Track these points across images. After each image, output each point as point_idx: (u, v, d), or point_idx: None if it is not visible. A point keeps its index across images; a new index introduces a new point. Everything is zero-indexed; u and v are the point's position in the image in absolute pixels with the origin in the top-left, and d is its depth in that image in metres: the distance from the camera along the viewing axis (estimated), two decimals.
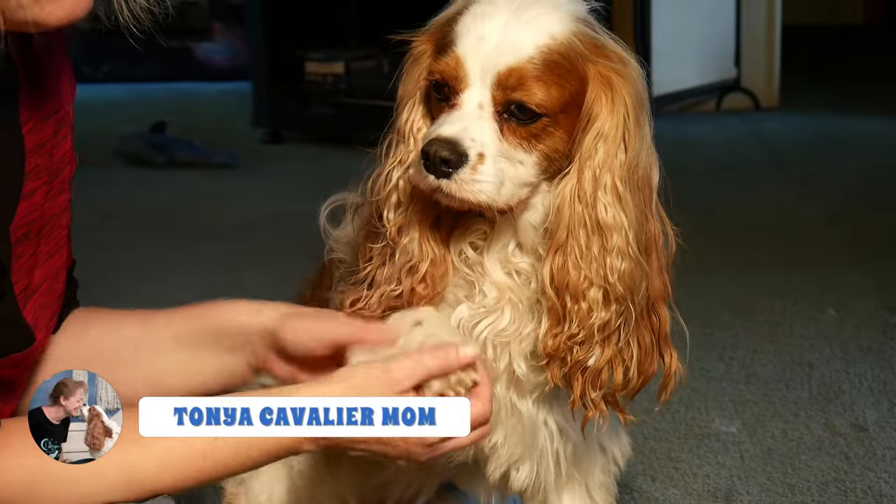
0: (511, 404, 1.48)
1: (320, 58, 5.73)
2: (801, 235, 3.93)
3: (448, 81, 1.37)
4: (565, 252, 1.39)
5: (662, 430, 2.42)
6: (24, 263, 1.41)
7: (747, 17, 6.38)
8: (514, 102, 1.35)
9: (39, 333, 1.45)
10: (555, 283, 1.39)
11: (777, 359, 2.82)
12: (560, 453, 1.53)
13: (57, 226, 1.48)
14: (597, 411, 1.43)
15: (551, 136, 1.38)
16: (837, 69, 7.88)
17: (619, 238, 1.38)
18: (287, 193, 4.65)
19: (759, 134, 5.78)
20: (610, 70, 1.38)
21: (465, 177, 1.34)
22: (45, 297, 1.46)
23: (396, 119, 1.47)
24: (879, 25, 10.03)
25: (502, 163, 1.35)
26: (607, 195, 1.38)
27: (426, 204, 1.42)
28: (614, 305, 1.39)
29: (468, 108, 1.36)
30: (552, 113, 1.36)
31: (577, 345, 1.39)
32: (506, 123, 1.36)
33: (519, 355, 1.45)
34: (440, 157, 1.33)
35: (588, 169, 1.37)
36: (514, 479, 1.54)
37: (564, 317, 1.39)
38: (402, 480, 1.63)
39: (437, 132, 1.35)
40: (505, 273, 1.44)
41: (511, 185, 1.37)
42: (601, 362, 1.40)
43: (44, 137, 1.43)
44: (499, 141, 1.35)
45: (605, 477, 1.63)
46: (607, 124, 1.37)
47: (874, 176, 4.83)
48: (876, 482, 2.19)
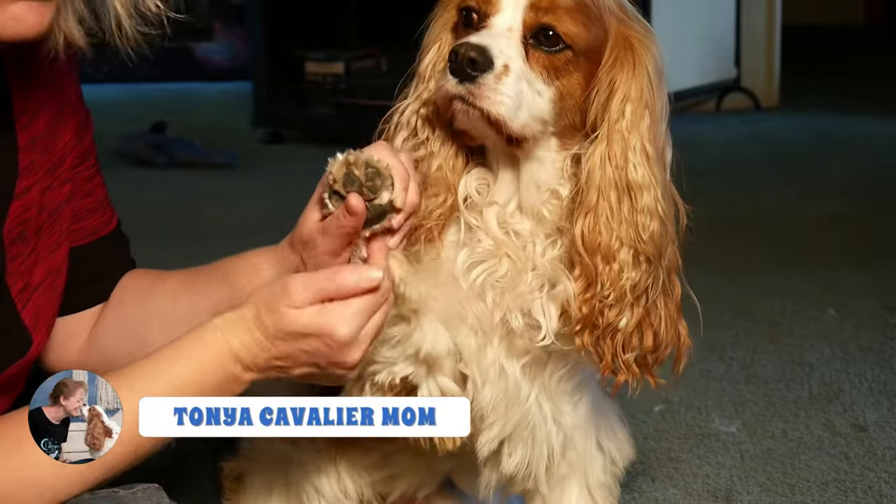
0: (500, 365, 1.48)
1: (320, 58, 5.72)
2: (801, 235, 3.94)
3: (480, 5, 1.41)
4: (596, 213, 1.40)
5: (662, 430, 2.42)
6: (20, 264, 1.40)
7: (747, 17, 6.38)
8: (543, 27, 1.38)
9: (38, 334, 1.44)
10: (585, 245, 1.40)
11: (777, 359, 2.82)
12: (552, 439, 1.53)
13: (58, 218, 1.47)
14: (629, 374, 1.44)
15: (570, 75, 1.40)
16: (837, 69, 7.87)
17: (649, 197, 1.40)
18: (287, 193, 4.64)
19: (759, 134, 5.78)
20: (632, 35, 1.41)
21: (489, 82, 1.35)
22: (46, 296, 1.45)
23: (419, 65, 1.50)
24: (879, 25, 10.03)
25: (523, 84, 1.38)
26: (637, 155, 1.40)
27: (445, 135, 1.45)
28: (644, 265, 1.40)
29: (498, 29, 1.39)
30: (577, 47, 1.39)
31: (607, 307, 1.40)
32: (532, 50, 1.39)
33: (516, 308, 1.45)
34: (468, 58, 1.35)
35: (617, 132, 1.40)
36: (507, 463, 1.53)
37: (596, 279, 1.40)
38: (404, 476, 1.63)
39: (467, 39, 1.37)
40: (503, 232, 1.45)
41: (527, 112, 1.39)
42: (632, 325, 1.41)
43: (38, 131, 1.42)
44: (523, 62, 1.38)
45: (607, 477, 1.62)
46: (632, 88, 1.40)
47: (874, 176, 4.83)
48: (876, 482, 2.19)
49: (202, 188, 4.86)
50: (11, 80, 1.38)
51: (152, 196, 4.73)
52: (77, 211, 1.53)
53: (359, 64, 5.69)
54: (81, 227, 1.55)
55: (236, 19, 7.61)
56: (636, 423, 2.35)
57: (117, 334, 1.57)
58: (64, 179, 1.47)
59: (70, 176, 1.49)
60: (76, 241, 1.54)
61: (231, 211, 4.47)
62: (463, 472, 1.63)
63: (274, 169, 5.22)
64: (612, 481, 1.63)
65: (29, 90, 1.40)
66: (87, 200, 1.55)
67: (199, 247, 3.89)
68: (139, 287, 1.60)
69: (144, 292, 1.59)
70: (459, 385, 1.47)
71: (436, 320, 1.44)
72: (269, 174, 5.14)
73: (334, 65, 5.69)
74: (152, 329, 1.55)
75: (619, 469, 1.64)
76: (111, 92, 6.93)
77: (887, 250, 3.70)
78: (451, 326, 1.45)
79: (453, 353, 1.46)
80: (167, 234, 4.12)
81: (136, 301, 1.58)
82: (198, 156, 5.28)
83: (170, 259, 3.84)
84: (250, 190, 4.85)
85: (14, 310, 1.39)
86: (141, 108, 6.51)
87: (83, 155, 1.53)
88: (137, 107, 6.67)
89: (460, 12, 1.44)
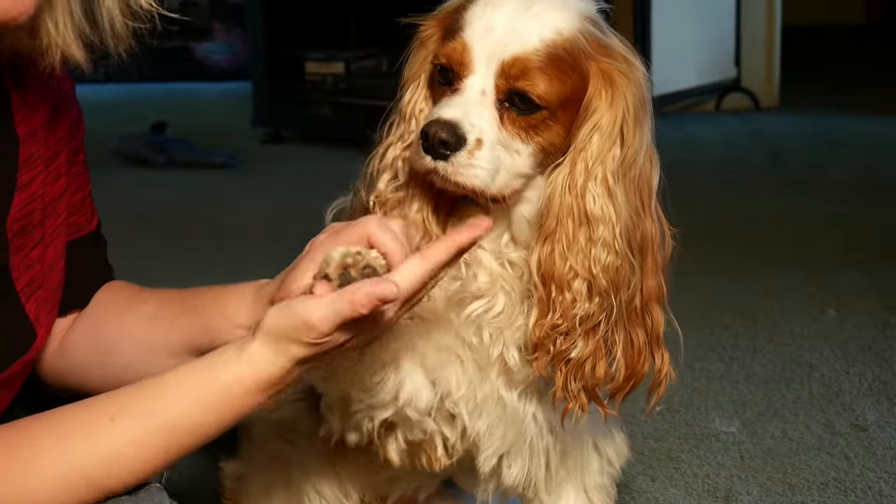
0: (497, 395, 1.48)
1: (320, 58, 5.72)
2: (801, 235, 3.94)
3: (453, 66, 1.38)
4: (553, 241, 1.39)
5: (662, 430, 2.42)
6: (25, 257, 1.40)
7: (747, 17, 6.38)
8: (516, 91, 1.36)
9: (41, 328, 1.44)
10: (541, 272, 1.40)
11: (777, 359, 2.82)
12: (550, 450, 1.53)
13: (52, 214, 1.47)
14: (576, 403, 1.43)
15: (549, 129, 1.39)
16: (837, 69, 7.88)
17: (606, 230, 1.38)
18: (287, 193, 4.65)
19: (759, 134, 5.78)
20: (613, 68, 1.39)
21: (461, 160, 1.34)
22: (45, 291, 1.45)
23: (399, 101, 1.49)
24: (879, 25, 10.03)
25: (499, 151, 1.36)
26: (597, 186, 1.38)
27: (425, 184, 1.43)
28: (597, 298, 1.39)
29: (471, 93, 1.37)
30: (552, 106, 1.37)
31: (560, 335, 1.40)
32: (506, 112, 1.37)
33: (512, 344, 1.45)
34: (439, 139, 1.34)
35: (581, 160, 1.38)
36: (507, 475, 1.54)
37: (549, 306, 1.40)
38: (404, 477, 1.63)
39: (438, 114, 1.36)
40: (498, 264, 1.45)
41: (506, 174, 1.38)
42: (584, 354, 1.40)
43: (36, 124, 1.42)
44: (498, 129, 1.36)
45: (603, 479, 1.62)
46: (604, 118, 1.38)
47: (874, 176, 4.83)
48: (876, 482, 2.19)
49: (202, 188, 4.86)
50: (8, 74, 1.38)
51: (152, 196, 4.73)
52: (67, 206, 1.53)
53: (359, 64, 5.69)
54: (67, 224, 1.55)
55: (236, 19, 7.61)
56: (636, 424, 2.35)
57: (86, 347, 1.56)
58: (58, 174, 1.47)
59: (64, 171, 1.49)
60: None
61: (231, 211, 4.47)
62: (463, 472, 1.63)
63: (274, 169, 5.22)
64: (608, 482, 1.63)
65: (26, 84, 1.40)
66: (76, 197, 1.55)
67: (199, 247, 3.89)
68: (116, 305, 1.58)
69: (121, 311, 1.57)
70: (448, 421, 1.48)
71: (418, 368, 1.44)
72: (269, 174, 5.14)
73: (334, 65, 5.69)
74: (120, 349, 1.55)
75: (616, 470, 1.64)
76: (111, 92, 6.93)
77: (887, 250, 3.70)
78: (441, 369, 1.45)
79: (435, 404, 1.45)
80: (167, 235, 4.12)
81: (111, 319, 1.57)
82: (197, 156, 5.28)
83: (169, 259, 3.85)
84: (250, 190, 4.85)
85: (19, 304, 1.39)
86: (141, 108, 6.51)
87: (76, 150, 1.53)
88: (137, 107, 6.67)
89: (435, 67, 1.42)
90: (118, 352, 1.54)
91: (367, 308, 1.26)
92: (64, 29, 1.32)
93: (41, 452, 1.26)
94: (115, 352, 1.54)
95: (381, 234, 1.34)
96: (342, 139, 5.20)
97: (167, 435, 1.29)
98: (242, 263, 3.60)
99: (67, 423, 1.29)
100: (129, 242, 3.95)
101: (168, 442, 1.29)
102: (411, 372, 1.43)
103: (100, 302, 1.59)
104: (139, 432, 1.28)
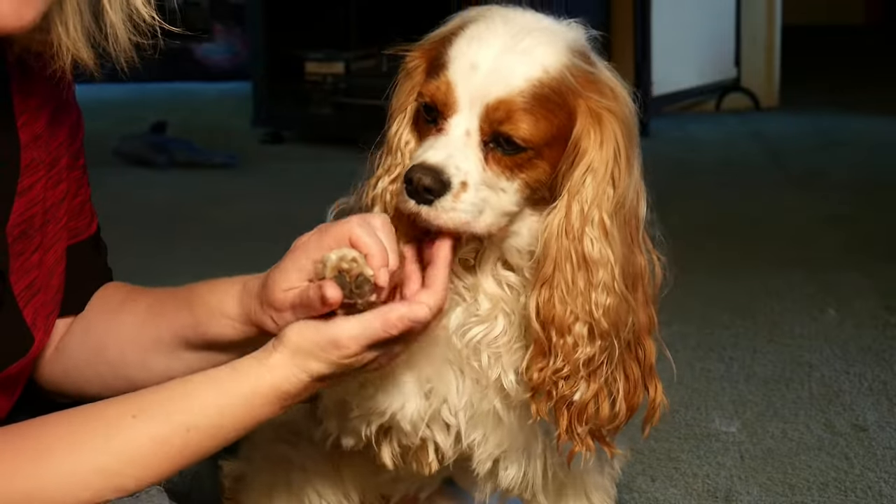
0: (494, 409, 1.47)
1: (320, 58, 5.73)
2: (801, 235, 3.94)
3: (437, 105, 1.37)
4: (552, 286, 1.38)
5: (662, 430, 2.41)
6: (24, 262, 1.40)
7: (747, 17, 6.38)
8: (500, 134, 1.35)
9: (38, 332, 1.44)
10: (541, 317, 1.38)
11: (777, 359, 2.82)
12: (547, 453, 1.53)
13: (52, 219, 1.47)
14: (583, 446, 1.42)
15: (535, 167, 1.37)
16: (837, 69, 7.88)
17: (605, 273, 1.37)
18: (287, 193, 4.65)
19: (759, 134, 5.79)
20: (600, 106, 1.37)
21: (445, 205, 1.33)
22: (44, 295, 1.46)
23: (387, 131, 1.48)
24: (879, 25, 10.04)
25: (484, 191, 1.35)
26: (594, 230, 1.37)
27: (410, 221, 1.41)
28: (599, 341, 1.38)
29: (455, 133, 1.35)
30: (537, 146, 1.36)
31: (562, 379, 1.39)
32: (491, 152, 1.36)
33: (510, 367, 1.44)
34: (423, 186, 1.32)
35: (576, 203, 1.37)
36: (503, 477, 1.54)
37: (550, 350, 1.39)
38: (405, 478, 1.63)
39: (423, 158, 1.34)
40: (496, 284, 1.44)
41: (491, 213, 1.36)
42: (587, 397, 1.40)
43: (38, 129, 1.42)
44: (482, 169, 1.35)
45: (603, 479, 1.62)
46: (596, 160, 1.36)
47: (874, 176, 4.83)
48: (876, 482, 2.19)
49: (202, 188, 4.86)
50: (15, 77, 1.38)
51: (152, 196, 4.74)
52: (67, 211, 1.53)
53: (359, 64, 5.70)
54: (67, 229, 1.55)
55: (236, 19, 7.61)
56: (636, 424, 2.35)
57: (80, 349, 1.56)
58: (59, 179, 1.47)
59: (65, 175, 1.49)
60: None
61: (231, 211, 4.47)
62: (464, 472, 1.63)
63: (274, 169, 5.22)
64: (608, 482, 1.63)
65: (29, 88, 1.40)
66: (76, 201, 1.55)
67: (199, 247, 3.89)
68: (109, 305, 1.58)
69: (112, 311, 1.57)
70: (442, 428, 1.48)
71: (413, 379, 1.44)
72: (269, 174, 5.14)
73: (334, 65, 5.69)
74: (109, 349, 1.55)
75: (616, 470, 1.64)
76: (111, 92, 6.93)
77: (887, 250, 3.70)
78: (438, 379, 1.45)
79: (429, 413, 1.45)
80: (167, 234, 4.12)
81: (101, 319, 1.57)
82: (198, 156, 5.28)
83: (169, 259, 3.85)
84: (250, 190, 4.86)
85: (17, 308, 1.39)
86: (141, 108, 6.51)
87: (76, 154, 1.53)
88: (137, 107, 6.68)
89: (420, 105, 1.40)
90: (108, 352, 1.55)
91: (399, 330, 1.28)
92: (74, 32, 1.33)
93: (57, 448, 1.27)
94: (106, 352, 1.55)
95: (363, 234, 1.34)
96: (342, 139, 5.20)
97: (186, 434, 1.30)
98: (242, 263, 3.57)
99: (86, 419, 1.30)
100: (129, 242, 3.95)
101: (186, 442, 1.30)
102: (406, 383, 1.44)
103: (93, 304, 1.59)
104: (160, 430, 1.29)
